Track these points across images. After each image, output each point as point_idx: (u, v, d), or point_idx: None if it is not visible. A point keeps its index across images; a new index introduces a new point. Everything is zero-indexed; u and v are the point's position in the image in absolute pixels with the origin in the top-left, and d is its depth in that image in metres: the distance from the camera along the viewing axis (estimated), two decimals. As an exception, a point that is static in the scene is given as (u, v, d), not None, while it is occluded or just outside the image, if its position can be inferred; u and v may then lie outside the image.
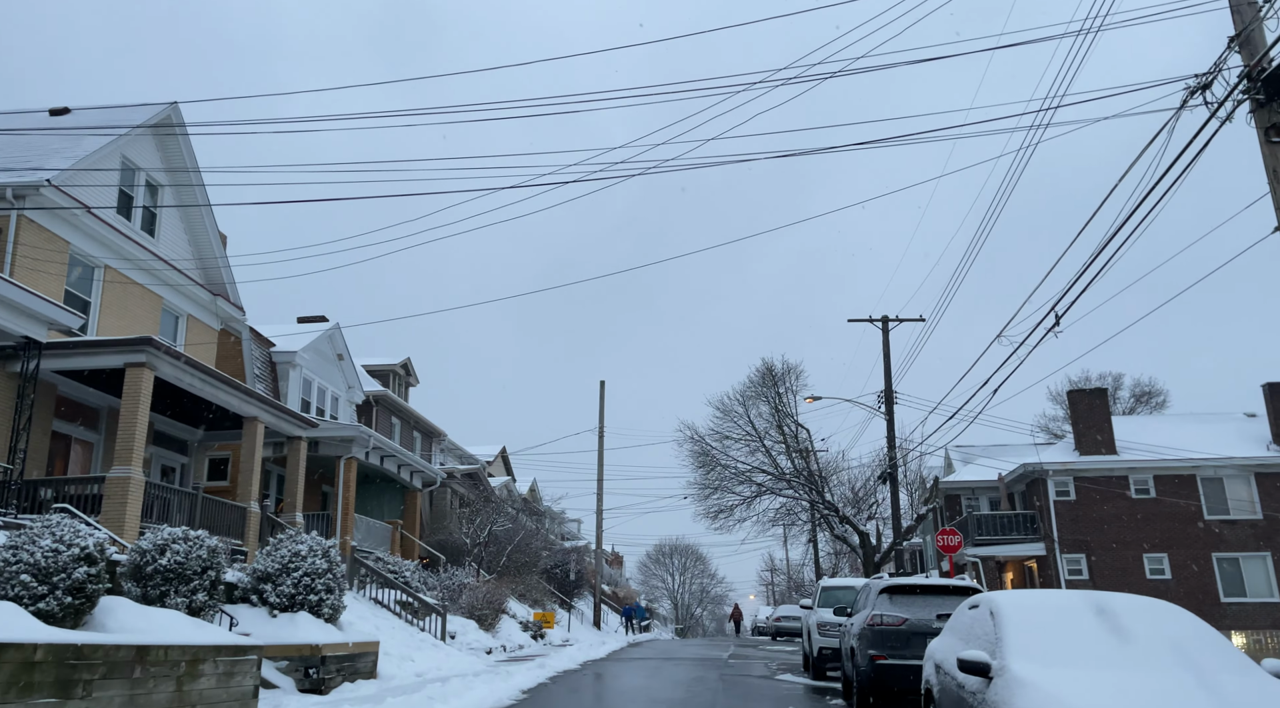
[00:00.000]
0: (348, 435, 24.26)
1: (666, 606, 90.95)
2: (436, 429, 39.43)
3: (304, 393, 26.98)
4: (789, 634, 39.65)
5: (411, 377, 38.61)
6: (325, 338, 28.43)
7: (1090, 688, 5.29)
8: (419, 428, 38.21)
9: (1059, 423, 60.41)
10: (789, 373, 40.12)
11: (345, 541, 23.96)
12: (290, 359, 26.17)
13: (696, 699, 13.12)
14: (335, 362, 29.34)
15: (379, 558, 23.19)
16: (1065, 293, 14.10)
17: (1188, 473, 33.72)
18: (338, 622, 13.88)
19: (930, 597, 11.17)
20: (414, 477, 29.16)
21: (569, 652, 22.11)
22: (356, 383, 30.46)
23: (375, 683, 13.59)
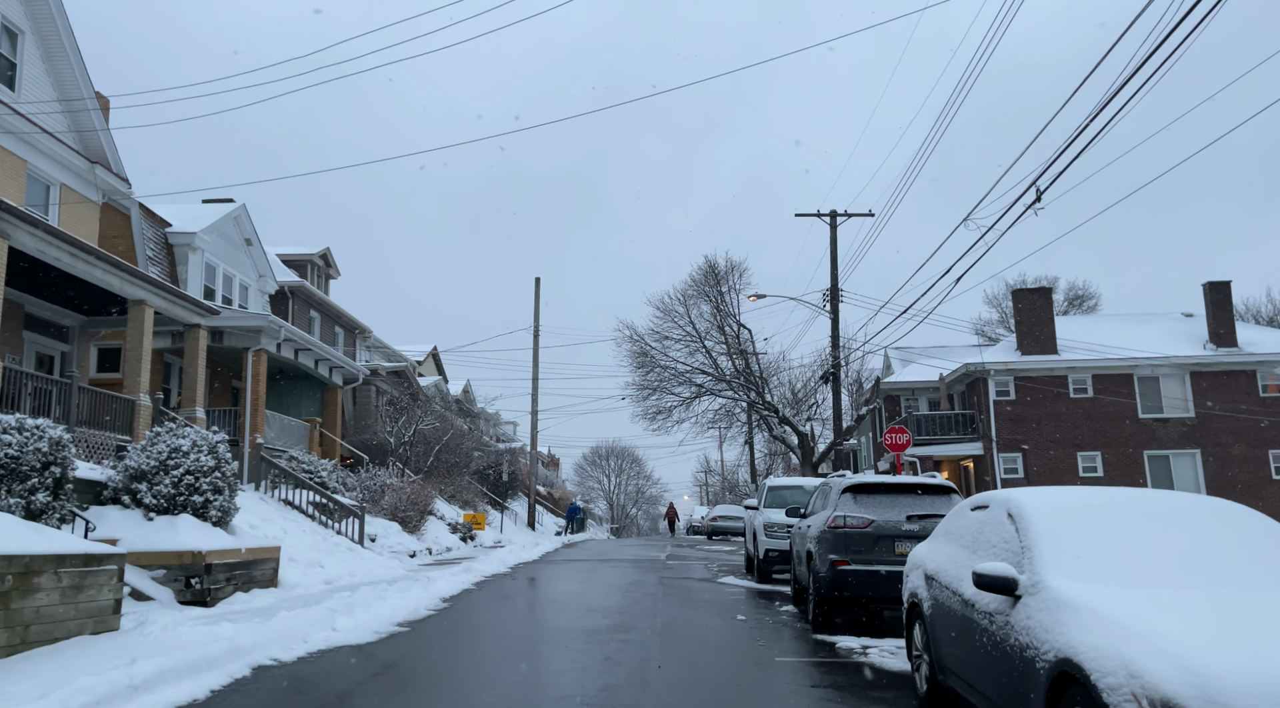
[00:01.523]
0: (255, 325, 22.08)
1: (602, 506, 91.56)
2: (360, 325, 37.18)
3: (207, 279, 24.52)
4: (725, 534, 39.52)
5: (332, 268, 36.05)
6: (230, 220, 25.78)
7: (1163, 611, 4.00)
8: (341, 323, 35.92)
9: (993, 327, 60.70)
10: (732, 271, 38.70)
11: (254, 438, 22.12)
12: (189, 241, 23.60)
13: (637, 607, 11.97)
14: (243, 247, 26.77)
15: (293, 457, 21.47)
16: (1050, 165, 12.75)
17: (1125, 372, 33.74)
18: (228, 525, 12.24)
19: (898, 496, 10.01)
20: (334, 373, 27.19)
21: (500, 555, 20.97)
22: (269, 271, 27.97)
23: (275, 593, 12.10)
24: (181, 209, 25.35)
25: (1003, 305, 62.74)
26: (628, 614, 11.19)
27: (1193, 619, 3.90)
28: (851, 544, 9.75)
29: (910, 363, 40.67)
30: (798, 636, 9.82)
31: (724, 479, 77.97)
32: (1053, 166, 12.55)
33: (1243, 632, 3.74)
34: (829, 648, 8.99)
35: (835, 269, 32.06)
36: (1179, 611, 4.01)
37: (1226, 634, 3.71)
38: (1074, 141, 12.13)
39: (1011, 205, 13.01)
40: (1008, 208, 13.04)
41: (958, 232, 18.27)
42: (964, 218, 16.06)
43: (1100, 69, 11.52)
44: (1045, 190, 12.69)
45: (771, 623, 10.69)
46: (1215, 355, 33.45)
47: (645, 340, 38.96)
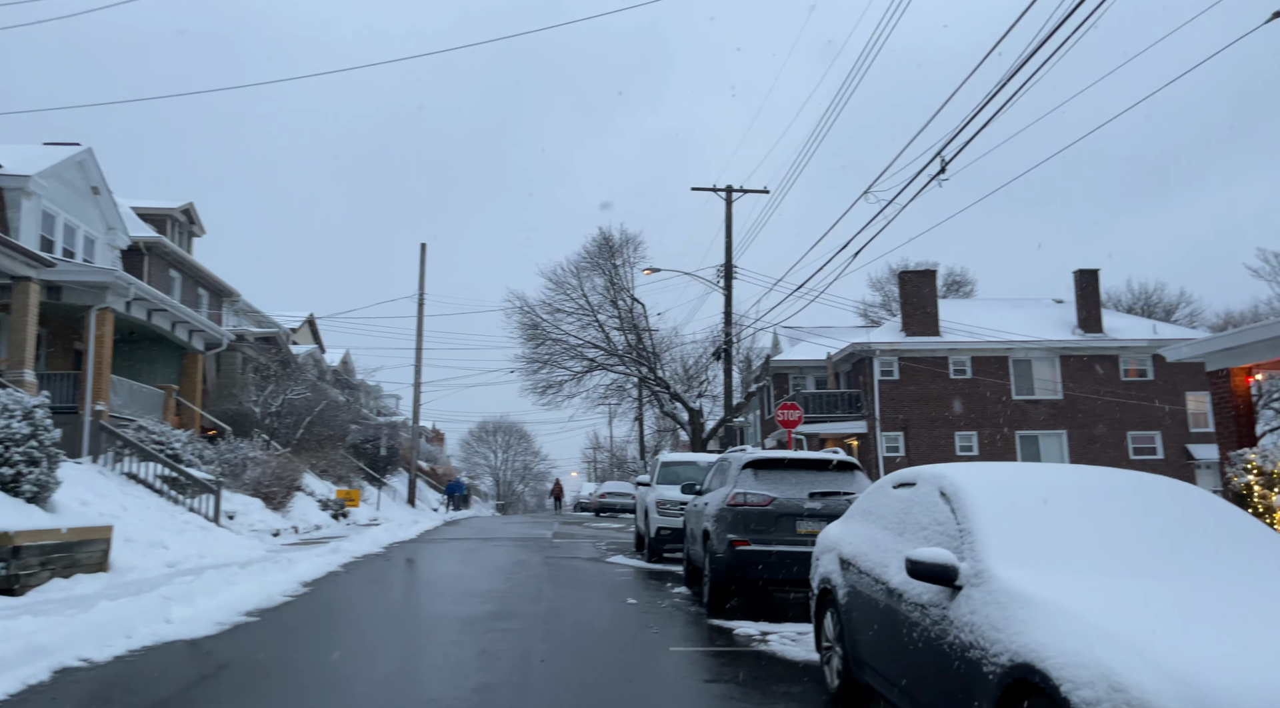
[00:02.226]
0: (99, 281, 19.84)
1: (488, 483, 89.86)
2: (227, 287, 34.55)
3: (44, 229, 21.95)
4: (613, 510, 39.00)
5: (196, 225, 33.27)
6: (73, 164, 23.15)
7: (1137, 606, 3.44)
8: (205, 285, 33.25)
9: (876, 309, 62.34)
10: (627, 244, 37.98)
11: (97, 406, 19.95)
12: (22, 185, 21.00)
13: (520, 590, 11.10)
14: (89, 196, 24.15)
15: (142, 427, 19.45)
16: (955, 135, 12.47)
17: (1001, 355, 34.91)
18: (47, 502, 10.65)
19: (801, 472, 9.47)
20: (194, 337, 24.98)
21: (374, 533, 19.66)
22: (119, 224, 25.40)
23: (104, 578, 10.61)
24: (17, 149, 22.58)
25: (886, 289, 64.46)
26: (509, 599, 10.31)
27: (1172, 617, 3.34)
28: (751, 523, 9.16)
29: (799, 342, 41.07)
30: (692, 621, 9.17)
31: (613, 456, 77.69)
32: (957, 138, 12.28)
33: (1229, 632, 3.20)
34: (726, 635, 8.37)
35: (730, 245, 31.76)
36: (1153, 606, 3.45)
37: (1213, 636, 3.16)
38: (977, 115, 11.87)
39: (917, 175, 12.68)
40: (913, 177, 12.71)
41: (857, 213, 18.13)
42: (865, 190, 15.75)
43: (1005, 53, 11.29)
44: (950, 161, 12.42)
45: (664, 607, 10.02)
46: (1083, 340, 35.01)
47: (536, 312, 37.87)
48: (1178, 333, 36.71)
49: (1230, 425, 12.44)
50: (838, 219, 16.51)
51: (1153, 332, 35.81)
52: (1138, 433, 34.34)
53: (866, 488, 9.37)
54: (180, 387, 25.29)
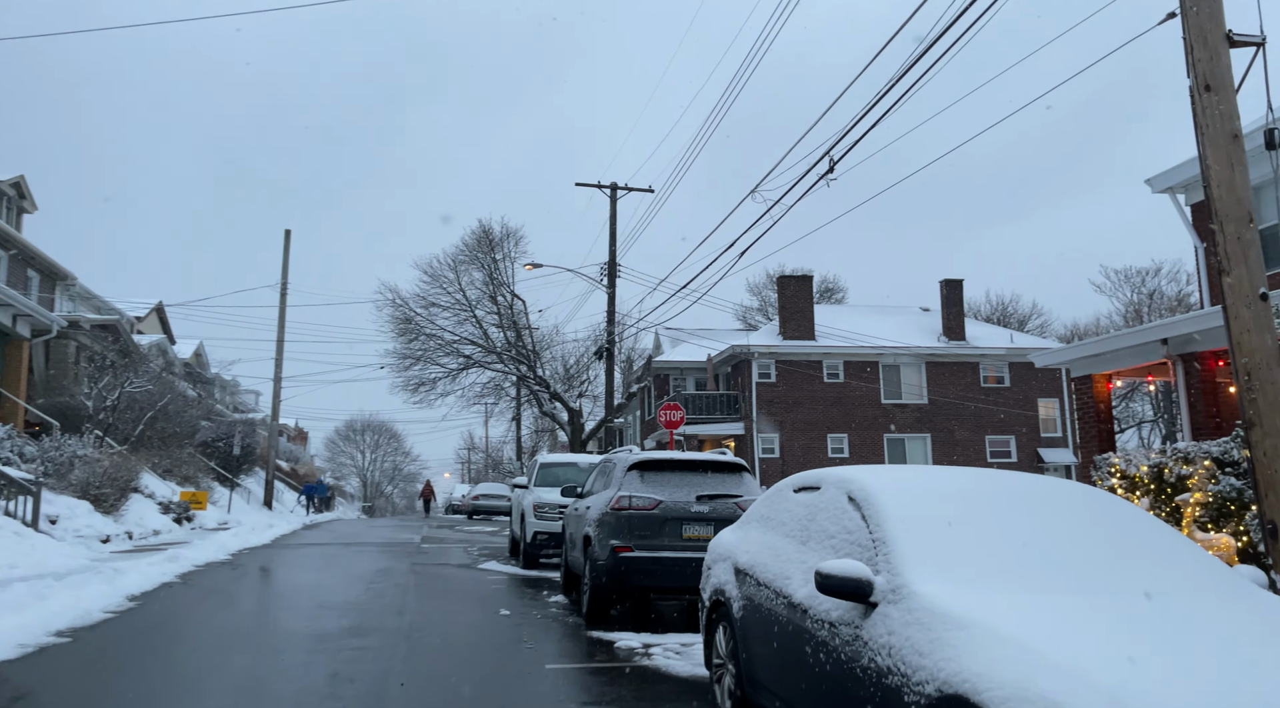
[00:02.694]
0: (-101, 254, 17.44)
1: (355, 484, 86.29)
2: (61, 269, 31.45)
3: None
4: (487, 513, 37.91)
5: (26, 200, 30.11)
6: None
7: (1081, 629, 3.11)
8: (36, 266, 30.14)
9: (754, 314, 63.52)
10: (508, 238, 36.96)
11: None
12: None
13: (381, 602, 10.20)
14: (-108, 158, 21.28)
15: (-51, 422, 17.21)
16: (844, 134, 12.40)
17: (872, 360, 35.94)
18: None
19: (688, 474, 9.03)
20: (18, 322, 22.47)
21: (221, 538, 18.07)
22: (-71, 192, 22.55)
23: (-120, 598, 9.04)
24: None
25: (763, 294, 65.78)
26: (369, 612, 9.42)
27: (1115, 643, 2.99)
28: (636, 528, 8.64)
29: (680, 343, 41.13)
30: (570, 633, 8.57)
31: (488, 457, 76.03)
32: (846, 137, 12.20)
33: (1175, 660, 2.88)
34: (607, 649, 7.81)
35: (614, 243, 31.33)
36: (1094, 629, 3.11)
37: (1168, 667, 2.83)
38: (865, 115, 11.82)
39: (806, 173, 12.52)
40: (803, 175, 12.54)
41: (743, 214, 18.03)
42: (752, 189, 15.59)
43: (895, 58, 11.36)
44: (839, 161, 12.32)
45: (540, 618, 9.37)
46: (948, 347, 36.48)
47: (410, 306, 36.31)
48: (1032, 342, 38.82)
49: (1092, 430, 12.88)
50: (725, 217, 16.27)
51: (1010, 341, 37.72)
52: (994, 437, 36.05)
53: (755, 491, 9.03)
54: (2, 377, 22.71)
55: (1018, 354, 36.52)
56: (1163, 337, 11.34)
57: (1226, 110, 5.88)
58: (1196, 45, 5.97)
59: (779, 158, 16.54)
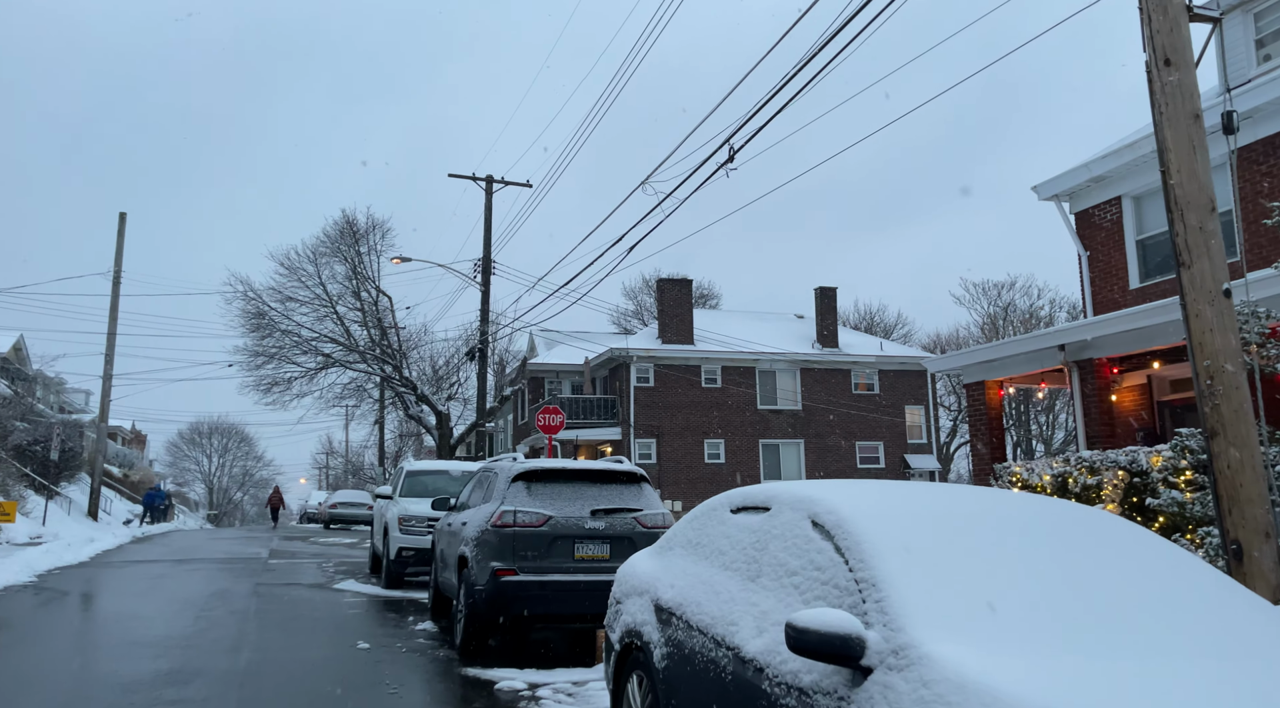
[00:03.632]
0: None
1: (200, 491, 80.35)
2: None
3: None
4: (346, 522, 35.58)
5: None
6: None
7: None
8: None
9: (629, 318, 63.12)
10: (374, 230, 34.77)
11: None
12: None
13: (213, 634, 8.65)
14: None
15: None
16: (744, 123, 11.73)
17: (749, 365, 35.91)
18: None
19: (580, 485, 7.99)
20: None
21: (28, 556, 15.62)
22: None
23: None
24: None
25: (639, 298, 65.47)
26: (196, 649, 7.89)
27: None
28: (521, 548, 7.53)
29: (556, 345, 40.02)
30: (442, 671, 7.37)
31: (348, 462, 72.22)
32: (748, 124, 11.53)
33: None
34: (486, 691, 6.68)
35: (489, 238, 29.93)
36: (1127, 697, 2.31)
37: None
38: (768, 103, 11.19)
39: (705, 161, 11.75)
40: (701, 163, 11.77)
41: (629, 212, 17.29)
42: (644, 179, 14.77)
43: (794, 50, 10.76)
44: (739, 149, 11.62)
45: (405, 651, 8.10)
46: (821, 354, 36.92)
47: (264, 299, 33.57)
48: (901, 350, 39.87)
49: (985, 437, 12.69)
50: (613, 209, 15.42)
51: (880, 349, 38.59)
52: (864, 443, 36.72)
53: (655, 504, 8.09)
54: None
55: (888, 362, 37.37)
56: (1060, 343, 11.20)
57: (1188, 87, 5.41)
58: (1155, 15, 5.47)
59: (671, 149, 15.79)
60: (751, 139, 11.43)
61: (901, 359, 37.64)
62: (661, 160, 14.51)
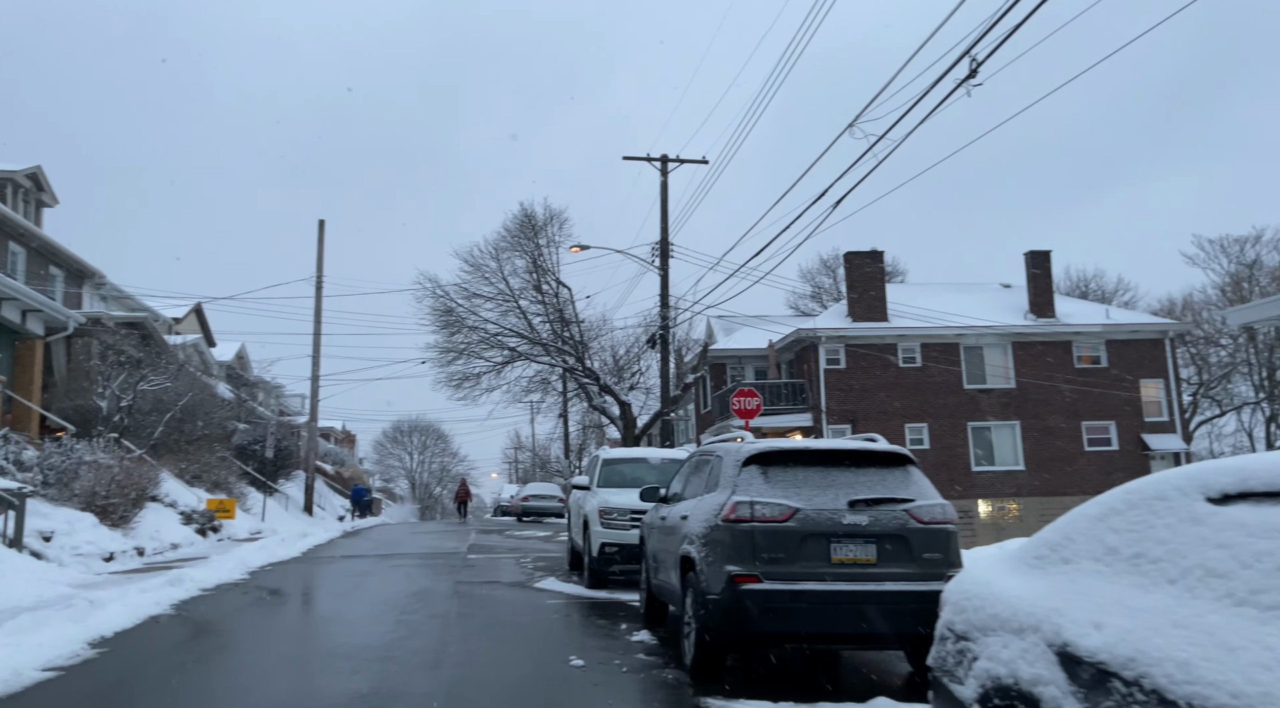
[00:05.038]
0: (-120, 240, 15.55)
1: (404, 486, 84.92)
2: (87, 266, 29.82)
3: None
4: (537, 515, 35.63)
5: (45, 193, 28.48)
6: None
7: None
8: (59, 262, 28.52)
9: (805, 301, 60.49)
10: (552, 221, 34.54)
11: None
12: None
13: (413, 644, 7.76)
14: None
15: (-62, 426, 15.27)
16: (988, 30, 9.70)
17: (952, 341, 32.87)
18: None
19: (831, 471, 6.41)
20: (29, 318, 20.61)
21: (244, 552, 15.87)
22: (-69, 179, 20.79)
23: None
24: None
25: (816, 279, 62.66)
26: (394, 663, 6.97)
27: None
28: (764, 548, 6.05)
29: (734, 331, 38.48)
30: (674, 700, 6.02)
31: (535, 455, 73.95)
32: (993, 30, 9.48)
33: None
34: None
35: (665, 219, 28.78)
36: None
37: None
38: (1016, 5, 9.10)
39: (940, 79, 9.77)
40: (934, 84, 9.80)
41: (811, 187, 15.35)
42: (850, 122, 12.94)
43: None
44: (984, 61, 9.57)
45: (625, 671, 6.83)
46: (1035, 326, 33.24)
47: (451, 296, 34.13)
48: (1131, 317, 35.39)
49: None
50: (815, 159, 13.59)
51: (1105, 316, 34.32)
52: (1092, 423, 32.71)
53: (930, 492, 6.38)
54: (12, 378, 20.89)
55: (1116, 330, 33.14)
56: None
57: None
58: None
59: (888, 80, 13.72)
60: (1001, 46, 9.37)
61: (1133, 327, 33.25)
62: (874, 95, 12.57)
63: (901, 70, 11.16)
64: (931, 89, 9.86)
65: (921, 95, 10.00)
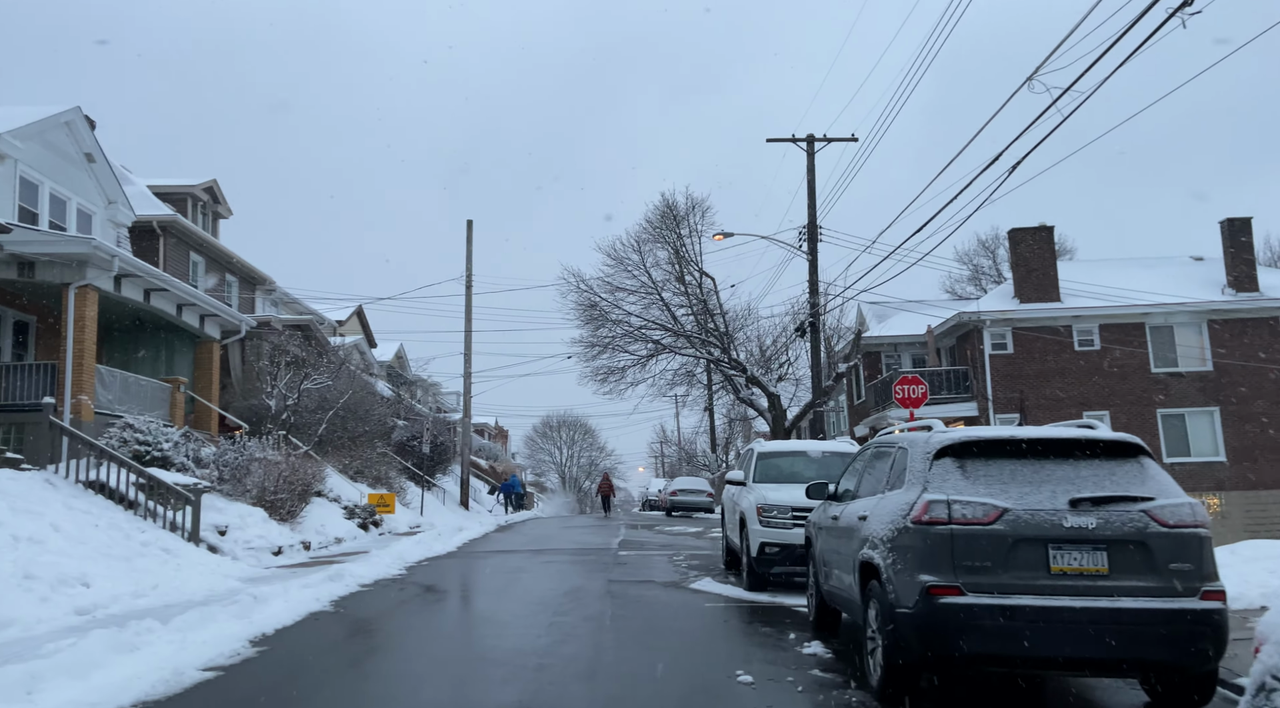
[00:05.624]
0: (75, 252, 16.75)
1: (554, 480, 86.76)
2: (259, 274, 31.67)
3: (23, 198, 18.97)
4: (686, 510, 35.14)
5: (221, 205, 30.40)
6: (58, 125, 20.16)
7: None
8: (234, 270, 30.39)
9: (963, 285, 57.18)
10: (693, 210, 33.81)
11: (81, 401, 16.90)
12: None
13: (565, 648, 7.28)
14: (83, 164, 21.20)
15: (129, 425, 16.29)
16: (1209, -53, 8.24)
17: (1136, 321, 29.87)
18: None
19: (1044, 463, 5.41)
20: (206, 323, 21.90)
21: (402, 547, 16.11)
22: (120, 197, 22.43)
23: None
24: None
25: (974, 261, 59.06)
26: (549, 670, 6.49)
27: None
28: (964, 555, 5.13)
29: (887, 317, 36.62)
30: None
31: (681, 449, 73.71)
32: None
33: None
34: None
35: (813, 202, 27.57)
36: None
37: None
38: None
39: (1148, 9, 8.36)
40: (1143, 13, 8.40)
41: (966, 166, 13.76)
42: (1030, 75, 11.58)
43: None
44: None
45: (801, 691, 6.06)
46: (1236, 301, 29.71)
47: (594, 291, 34.08)
48: (1352, 288, 31.08)
49: None
50: (991, 116, 12.19)
51: (1321, 288, 30.28)
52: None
53: (1173, 490, 5.26)
54: (194, 380, 22.28)
55: (1336, 303, 29.14)
56: None
57: None
58: None
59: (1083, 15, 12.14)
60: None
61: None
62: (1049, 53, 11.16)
63: (1095, 8, 9.76)
64: (1136, 23, 8.48)
65: (1125, 30, 8.62)
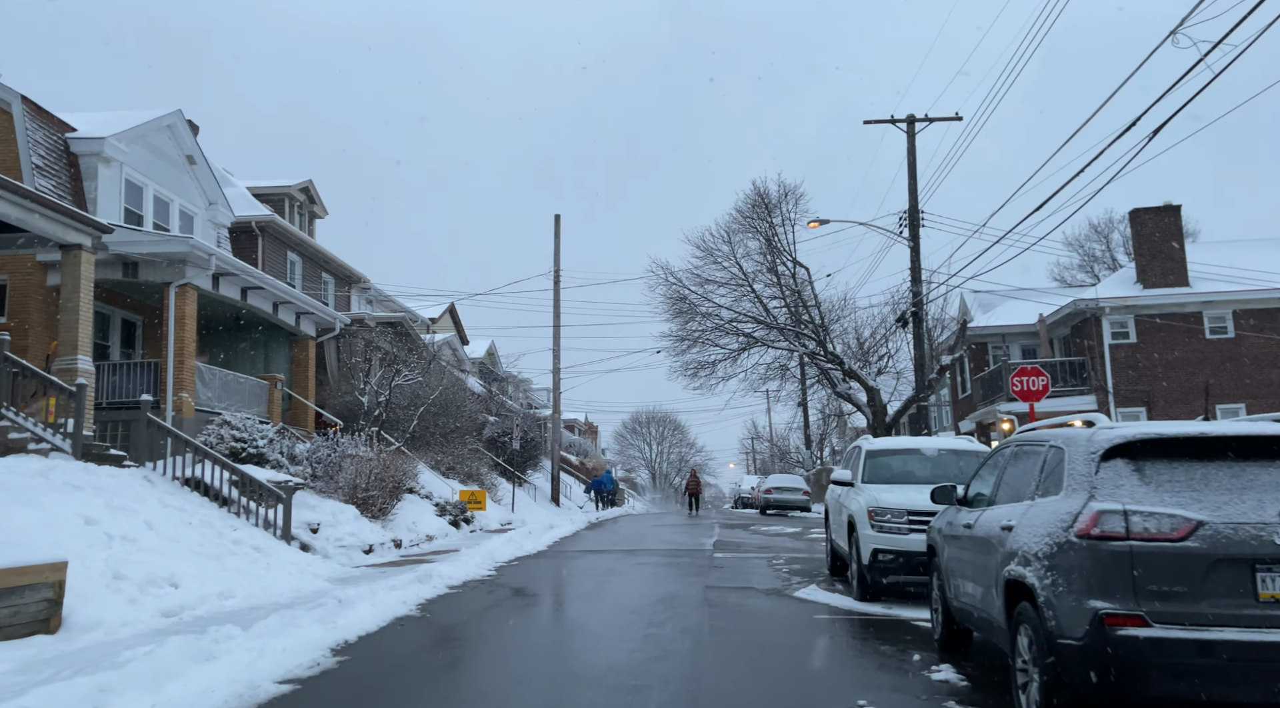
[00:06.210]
0: (175, 252, 17.04)
1: (644, 476, 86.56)
2: (354, 272, 32.17)
3: (129, 201, 19.49)
4: (781, 508, 34.05)
5: (317, 205, 30.97)
6: (160, 128, 20.66)
7: None
8: (330, 270, 30.93)
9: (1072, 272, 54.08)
10: (786, 198, 32.69)
11: (182, 398, 17.19)
12: (98, 149, 18.53)
13: (661, 666, 6.62)
14: (184, 166, 21.71)
15: (226, 422, 16.44)
16: None
17: (1276, 305, 27.37)
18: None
19: (1245, 467, 4.44)
20: (302, 321, 22.17)
21: (493, 545, 15.77)
22: (220, 199, 22.91)
23: (37, 644, 6.98)
24: (97, 116, 20.32)
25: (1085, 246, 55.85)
26: (645, 694, 5.84)
27: None
28: (1148, 578, 4.23)
29: (993, 307, 34.67)
30: (1021, 785, 4.36)
31: (773, 446, 72.29)
32: None
33: None
34: None
35: (914, 186, 26.21)
36: None
37: None
38: None
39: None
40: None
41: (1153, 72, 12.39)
42: (1173, 29, 10.32)
43: None
44: None
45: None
46: (1395, 282, 26.89)
47: (683, 283, 33.34)
48: None
49: None
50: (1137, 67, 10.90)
51: None
52: None
53: None
54: (290, 377, 22.59)
55: None
56: None
57: None
58: None
59: None
60: None
61: None
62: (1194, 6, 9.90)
63: None
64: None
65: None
